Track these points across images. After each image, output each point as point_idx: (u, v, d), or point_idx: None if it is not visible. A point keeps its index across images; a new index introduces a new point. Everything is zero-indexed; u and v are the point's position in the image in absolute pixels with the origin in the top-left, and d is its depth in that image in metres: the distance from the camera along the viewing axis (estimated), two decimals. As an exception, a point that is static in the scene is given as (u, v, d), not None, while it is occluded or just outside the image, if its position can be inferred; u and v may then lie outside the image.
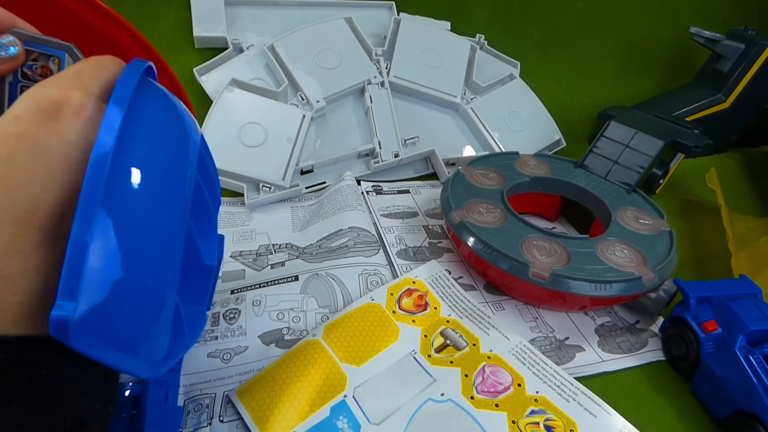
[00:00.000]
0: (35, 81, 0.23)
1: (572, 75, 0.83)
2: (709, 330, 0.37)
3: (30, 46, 0.23)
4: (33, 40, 0.23)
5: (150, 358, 0.19)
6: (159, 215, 0.19)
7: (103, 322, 0.16)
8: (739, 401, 0.34)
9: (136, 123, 0.18)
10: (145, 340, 0.18)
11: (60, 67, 0.23)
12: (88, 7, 0.28)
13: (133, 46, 0.29)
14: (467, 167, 0.54)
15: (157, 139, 0.19)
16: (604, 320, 0.44)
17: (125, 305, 0.17)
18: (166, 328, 0.19)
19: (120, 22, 0.28)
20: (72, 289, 0.15)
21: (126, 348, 0.17)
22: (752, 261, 0.48)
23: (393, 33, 0.68)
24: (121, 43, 0.29)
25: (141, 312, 0.18)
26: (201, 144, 0.23)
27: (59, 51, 0.23)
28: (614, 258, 0.42)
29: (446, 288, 0.45)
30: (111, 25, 0.28)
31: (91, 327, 0.15)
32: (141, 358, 0.18)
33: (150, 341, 0.18)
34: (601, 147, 0.58)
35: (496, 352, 0.38)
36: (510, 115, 0.68)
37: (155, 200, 0.18)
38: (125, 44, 0.29)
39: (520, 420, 0.33)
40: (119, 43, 0.29)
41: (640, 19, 0.88)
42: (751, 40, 0.70)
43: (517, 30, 0.81)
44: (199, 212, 0.23)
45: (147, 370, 0.18)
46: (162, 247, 0.19)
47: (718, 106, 0.73)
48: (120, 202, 0.17)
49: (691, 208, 0.63)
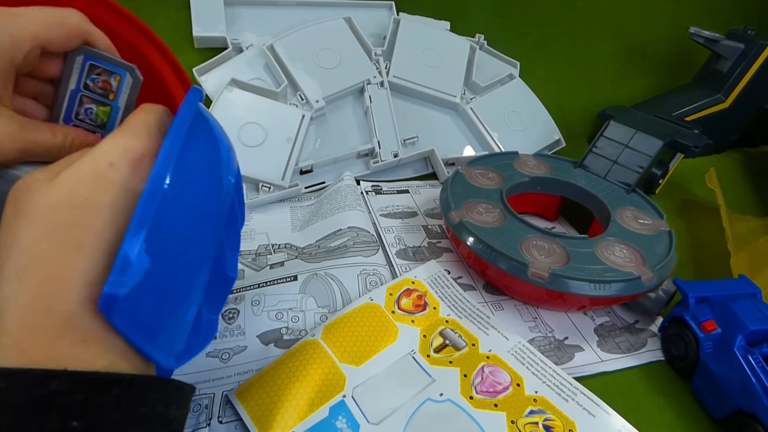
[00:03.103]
0: (95, 93, 0.25)
1: (572, 75, 0.83)
2: (708, 330, 0.37)
3: (96, 62, 0.25)
4: (100, 57, 0.25)
5: (171, 350, 0.21)
6: (199, 227, 0.22)
7: (142, 308, 0.19)
8: (739, 401, 0.34)
9: (184, 157, 0.21)
10: (171, 331, 0.21)
11: (120, 84, 0.26)
12: (109, 11, 0.28)
13: (153, 49, 0.29)
14: (467, 167, 0.54)
15: (203, 166, 0.22)
16: (604, 320, 0.44)
17: (162, 298, 0.20)
18: (188, 327, 0.22)
19: (142, 28, 0.29)
20: (121, 275, 0.18)
21: (154, 335, 0.20)
22: (751, 261, 0.48)
23: (392, 33, 0.68)
24: (136, 45, 0.29)
25: (173, 306, 0.21)
26: (238, 169, 0.25)
27: (122, 70, 0.26)
28: (613, 258, 0.42)
29: (445, 288, 0.45)
30: (130, 28, 0.29)
31: (131, 309, 0.18)
32: (165, 349, 0.21)
33: (175, 334, 0.21)
34: (600, 147, 0.58)
35: (495, 352, 0.38)
36: (509, 115, 0.68)
37: (197, 215, 0.22)
38: (142, 46, 0.29)
39: (519, 420, 0.33)
40: (135, 45, 0.29)
41: (640, 19, 0.88)
42: (750, 40, 0.70)
43: (517, 30, 0.81)
44: (230, 227, 0.26)
45: (167, 360, 0.21)
46: (198, 255, 0.22)
47: (717, 106, 0.73)
48: (168, 216, 0.20)
49: (690, 208, 0.63)
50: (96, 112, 0.26)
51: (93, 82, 0.25)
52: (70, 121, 0.25)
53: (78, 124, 0.26)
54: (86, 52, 0.24)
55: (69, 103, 0.25)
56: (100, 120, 0.26)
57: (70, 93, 0.25)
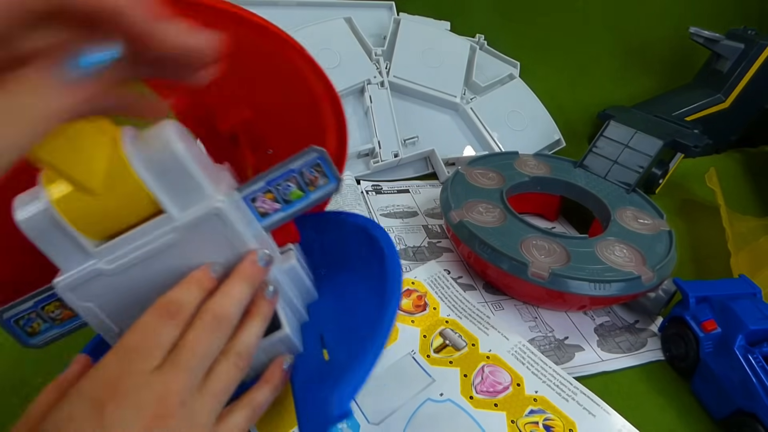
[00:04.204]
0: (303, 180, 0.29)
1: (572, 75, 0.84)
2: (708, 329, 0.37)
3: (322, 163, 0.29)
4: (328, 163, 0.29)
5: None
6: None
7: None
8: (739, 401, 0.34)
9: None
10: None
11: (324, 186, 0.30)
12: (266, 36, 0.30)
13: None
14: (467, 167, 0.54)
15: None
16: (604, 320, 0.44)
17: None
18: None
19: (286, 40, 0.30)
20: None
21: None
22: (752, 261, 0.48)
23: (393, 33, 0.68)
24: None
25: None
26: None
27: (335, 181, 0.30)
28: (613, 258, 0.42)
29: (445, 288, 0.45)
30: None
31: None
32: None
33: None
34: (600, 147, 0.58)
35: (495, 352, 0.38)
36: (510, 115, 0.68)
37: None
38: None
39: (519, 420, 0.33)
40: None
41: (640, 19, 0.88)
42: (750, 40, 0.70)
43: (517, 30, 0.81)
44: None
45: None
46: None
47: (717, 106, 0.73)
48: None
49: (690, 207, 0.63)
50: (291, 191, 0.29)
51: (309, 173, 0.29)
52: (268, 182, 0.29)
53: (269, 188, 0.29)
54: (321, 154, 0.29)
55: (282, 173, 0.29)
56: (288, 197, 0.30)
57: (288, 169, 0.29)
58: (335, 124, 0.34)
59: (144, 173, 0.23)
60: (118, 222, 0.25)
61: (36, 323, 0.28)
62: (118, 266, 0.25)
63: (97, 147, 0.22)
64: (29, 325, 0.28)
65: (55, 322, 0.28)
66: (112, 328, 0.26)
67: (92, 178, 0.22)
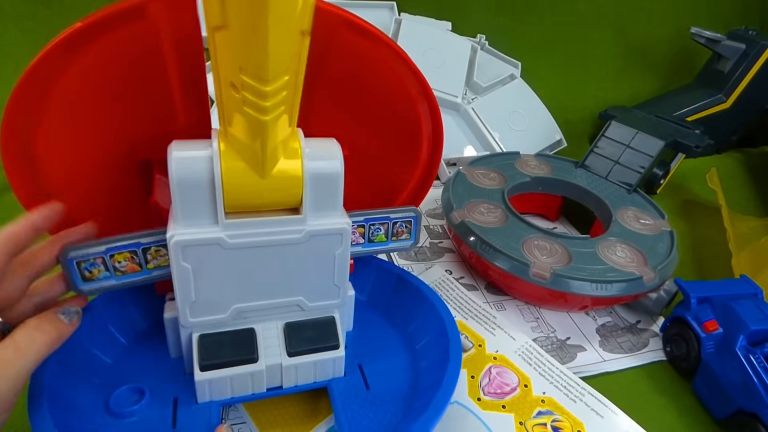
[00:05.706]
0: (394, 229, 0.34)
1: (573, 75, 0.84)
2: (709, 330, 0.37)
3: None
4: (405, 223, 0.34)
5: None
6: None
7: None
8: (740, 401, 0.34)
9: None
10: None
11: (411, 227, 0.34)
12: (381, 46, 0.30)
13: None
14: (468, 167, 0.54)
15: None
16: (605, 320, 0.45)
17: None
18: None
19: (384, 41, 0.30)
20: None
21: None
22: (753, 261, 0.48)
23: (394, 33, 0.68)
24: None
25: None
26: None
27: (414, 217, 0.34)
28: (615, 258, 0.42)
29: (450, 291, 0.45)
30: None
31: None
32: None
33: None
34: (601, 147, 0.58)
35: (502, 353, 0.38)
36: (511, 115, 0.68)
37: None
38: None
39: (528, 421, 0.33)
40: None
41: (641, 19, 0.88)
42: (751, 40, 0.70)
43: (518, 30, 0.82)
44: None
45: None
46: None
47: (718, 106, 0.73)
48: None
49: (691, 208, 0.63)
50: (378, 235, 0.33)
51: (400, 226, 0.34)
52: (366, 219, 0.32)
53: (365, 224, 0.33)
54: (417, 215, 0.34)
55: (379, 217, 0.33)
56: (373, 238, 0.34)
57: (387, 216, 0.33)
58: (431, 133, 0.35)
59: (307, 175, 0.26)
60: (254, 204, 0.26)
61: (97, 269, 0.27)
62: (236, 243, 0.26)
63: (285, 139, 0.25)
64: (89, 270, 0.27)
65: (116, 273, 0.27)
66: (191, 295, 0.27)
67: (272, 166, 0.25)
